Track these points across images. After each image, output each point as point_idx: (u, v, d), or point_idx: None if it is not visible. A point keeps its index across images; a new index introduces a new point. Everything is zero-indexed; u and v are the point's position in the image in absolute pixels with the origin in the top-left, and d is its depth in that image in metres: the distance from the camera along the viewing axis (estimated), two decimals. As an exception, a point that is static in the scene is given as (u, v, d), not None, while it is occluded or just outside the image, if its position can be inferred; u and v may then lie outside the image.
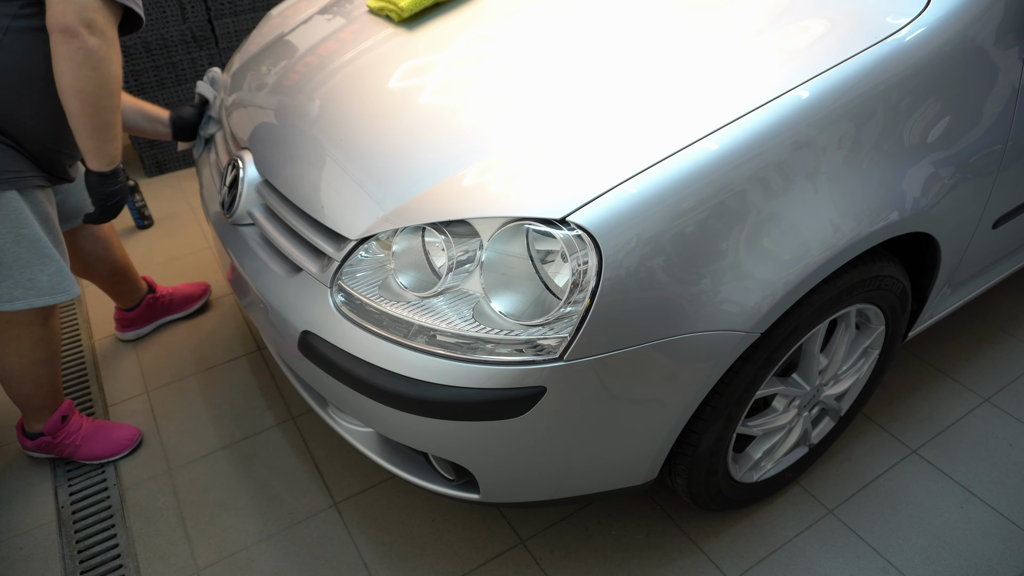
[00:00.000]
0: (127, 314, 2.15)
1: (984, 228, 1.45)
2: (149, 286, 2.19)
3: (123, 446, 1.80)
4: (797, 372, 1.43)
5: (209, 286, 2.35)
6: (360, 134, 1.34)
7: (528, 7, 1.55)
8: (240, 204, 1.46)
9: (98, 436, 1.79)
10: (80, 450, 1.76)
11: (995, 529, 1.54)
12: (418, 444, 1.22)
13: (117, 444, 1.79)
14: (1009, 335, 2.03)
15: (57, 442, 1.73)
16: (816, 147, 1.12)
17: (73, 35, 1.31)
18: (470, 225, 1.11)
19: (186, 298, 2.26)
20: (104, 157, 1.47)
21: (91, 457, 1.77)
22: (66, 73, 1.34)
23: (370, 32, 1.65)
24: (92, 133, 1.42)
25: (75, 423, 1.77)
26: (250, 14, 3.06)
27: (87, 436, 1.77)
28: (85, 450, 1.76)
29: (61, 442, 1.74)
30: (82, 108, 1.38)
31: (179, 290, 2.26)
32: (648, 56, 1.27)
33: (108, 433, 1.80)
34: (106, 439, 1.79)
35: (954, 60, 1.21)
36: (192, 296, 2.28)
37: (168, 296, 2.22)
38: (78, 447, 1.76)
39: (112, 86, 1.40)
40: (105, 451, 1.78)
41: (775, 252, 1.10)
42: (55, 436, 1.73)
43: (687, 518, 1.59)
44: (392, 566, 1.53)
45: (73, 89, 1.35)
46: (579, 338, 1.05)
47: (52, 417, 1.72)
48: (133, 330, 2.18)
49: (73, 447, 1.75)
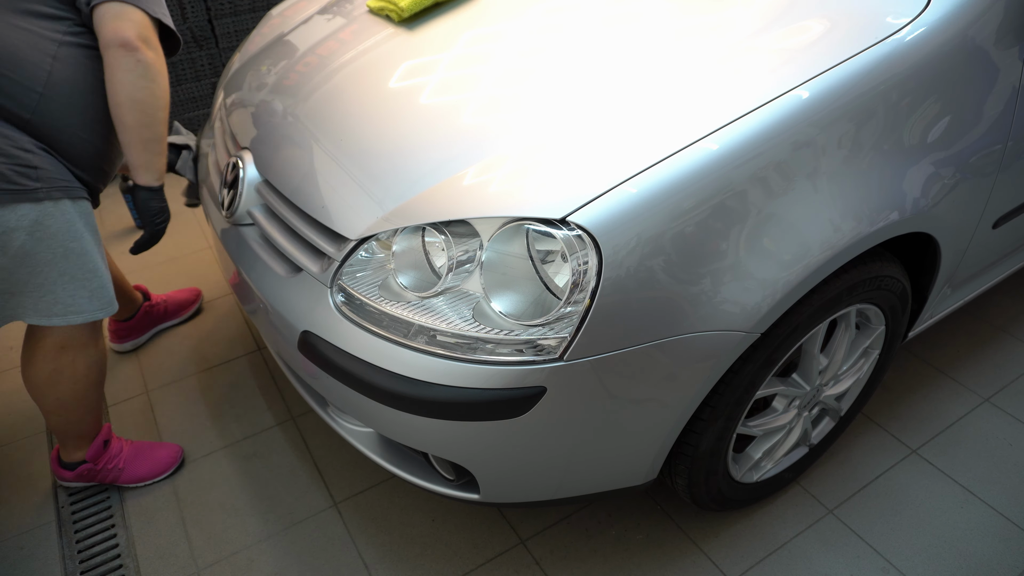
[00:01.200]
0: (124, 324, 2.10)
1: (984, 228, 1.45)
2: (144, 295, 2.16)
3: (167, 465, 1.73)
4: (797, 372, 1.43)
5: (201, 292, 2.32)
6: (360, 134, 1.34)
7: (528, 7, 1.55)
8: (240, 204, 1.46)
9: (140, 457, 1.71)
10: (124, 474, 1.68)
11: (995, 529, 1.54)
12: (418, 444, 1.22)
13: (161, 464, 1.72)
14: (1009, 335, 2.03)
15: (99, 468, 1.65)
16: (816, 147, 1.12)
17: (132, 49, 1.36)
18: (470, 225, 1.11)
19: (180, 304, 2.24)
20: (154, 171, 1.51)
21: (135, 480, 1.69)
22: (124, 85, 1.38)
23: (370, 32, 1.65)
24: (145, 146, 1.45)
25: (116, 446, 1.68)
26: (250, 14, 3.06)
27: (129, 459, 1.69)
28: (129, 473, 1.69)
29: (103, 468, 1.65)
30: (138, 120, 1.41)
31: (172, 297, 2.24)
32: (648, 56, 1.28)
33: (150, 453, 1.73)
34: (149, 459, 1.71)
35: (954, 60, 1.21)
36: (185, 302, 2.26)
37: (163, 304, 2.19)
38: (121, 471, 1.68)
39: (165, 99, 1.45)
40: (149, 472, 1.70)
41: (775, 252, 1.10)
42: (97, 463, 1.64)
43: (687, 518, 1.59)
44: (392, 566, 1.53)
45: (131, 100, 1.39)
46: (579, 338, 1.05)
47: (94, 443, 1.63)
48: (131, 340, 2.13)
49: (116, 472, 1.67)
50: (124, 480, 1.68)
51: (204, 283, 2.42)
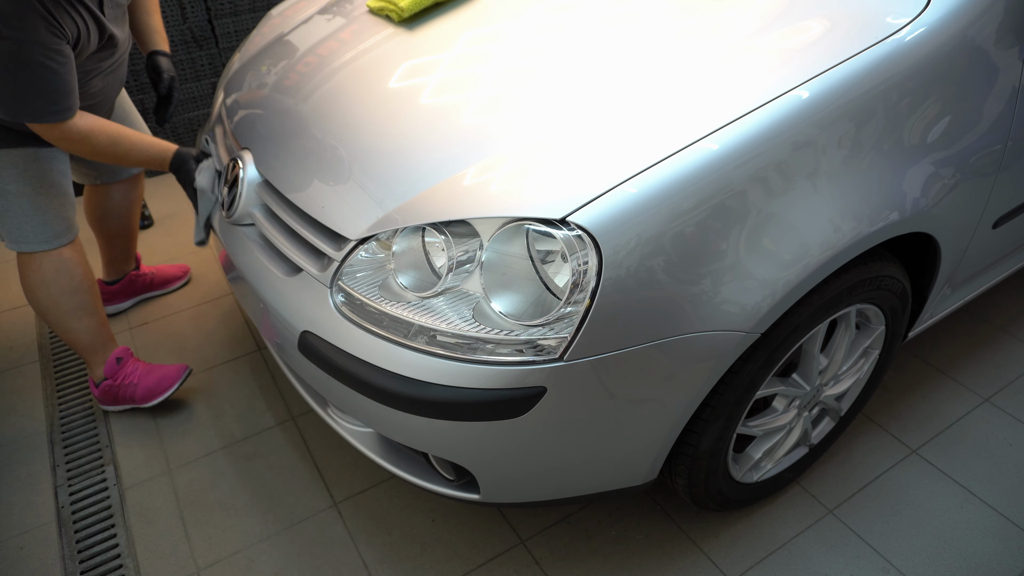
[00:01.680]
0: (109, 288, 2.22)
1: (984, 228, 1.45)
2: (136, 262, 2.27)
3: (175, 375, 1.88)
4: (797, 372, 1.42)
5: (189, 268, 2.42)
6: (360, 134, 1.34)
7: (528, 7, 1.55)
8: (240, 204, 1.46)
9: (152, 374, 1.88)
10: (139, 389, 1.85)
11: (995, 529, 1.54)
12: (418, 444, 1.22)
13: (169, 378, 1.88)
14: (1009, 335, 2.03)
15: (118, 384, 1.84)
16: (816, 147, 1.12)
17: None
18: (470, 225, 1.11)
19: (166, 278, 2.35)
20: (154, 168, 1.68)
21: (148, 393, 1.85)
22: None
23: (370, 32, 1.65)
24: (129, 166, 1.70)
25: (131, 364, 1.87)
26: (250, 14, 3.06)
27: (143, 375, 1.87)
28: (143, 388, 1.85)
29: (121, 383, 1.84)
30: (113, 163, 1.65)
31: (160, 270, 2.35)
32: (648, 56, 1.28)
33: (159, 370, 1.89)
34: (158, 375, 1.88)
35: (954, 60, 1.21)
36: (173, 277, 2.36)
37: (150, 275, 2.30)
38: (136, 386, 1.85)
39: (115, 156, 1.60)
40: (158, 382, 1.86)
41: (775, 252, 1.10)
42: (115, 378, 1.84)
43: (687, 518, 1.59)
44: (392, 566, 1.53)
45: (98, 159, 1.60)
46: (579, 338, 1.05)
47: (108, 360, 1.83)
48: (113, 304, 2.25)
49: (132, 387, 1.85)
50: (140, 395, 1.86)
51: (204, 283, 2.42)
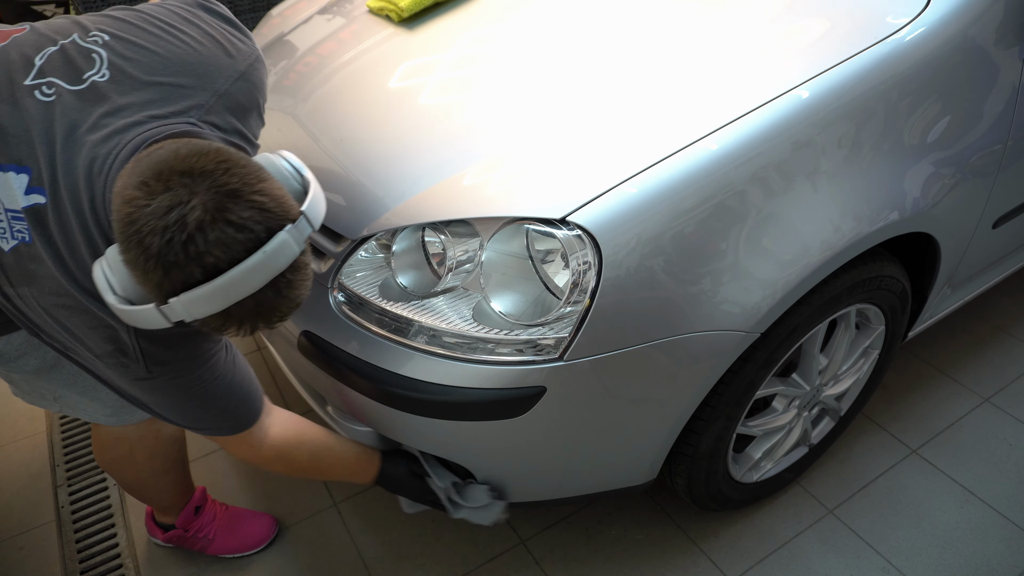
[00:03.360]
0: None
1: (984, 228, 1.45)
2: None
3: (259, 540, 1.58)
4: (797, 372, 1.42)
5: None
6: (360, 134, 1.34)
7: (528, 7, 1.55)
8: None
9: (232, 528, 1.58)
10: (213, 544, 1.56)
11: (995, 529, 1.54)
12: (418, 444, 1.22)
13: (252, 538, 1.58)
14: (1009, 335, 2.03)
15: (190, 536, 1.53)
16: (816, 147, 1.12)
17: None
18: (470, 225, 1.11)
19: None
20: None
21: (223, 552, 1.57)
22: None
23: (370, 32, 1.65)
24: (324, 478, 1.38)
25: (208, 514, 1.56)
26: (250, 14, 3.06)
27: (221, 529, 1.56)
28: (218, 544, 1.56)
29: (194, 536, 1.54)
30: None
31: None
32: (648, 56, 1.28)
33: (243, 525, 1.59)
34: (242, 533, 1.58)
35: (954, 60, 1.21)
36: None
37: None
38: (211, 541, 1.55)
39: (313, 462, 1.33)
40: (239, 546, 1.57)
41: (775, 252, 1.10)
42: (187, 529, 1.53)
43: (687, 518, 1.59)
44: (392, 566, 1.53)
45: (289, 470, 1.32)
46: (579, 338, 1.05)
47: (185, 510, 1.52)
48: None
49: (206, 541, 1.55)
50: (212, 551, 1.56)
51: (204, 283, 2.41)
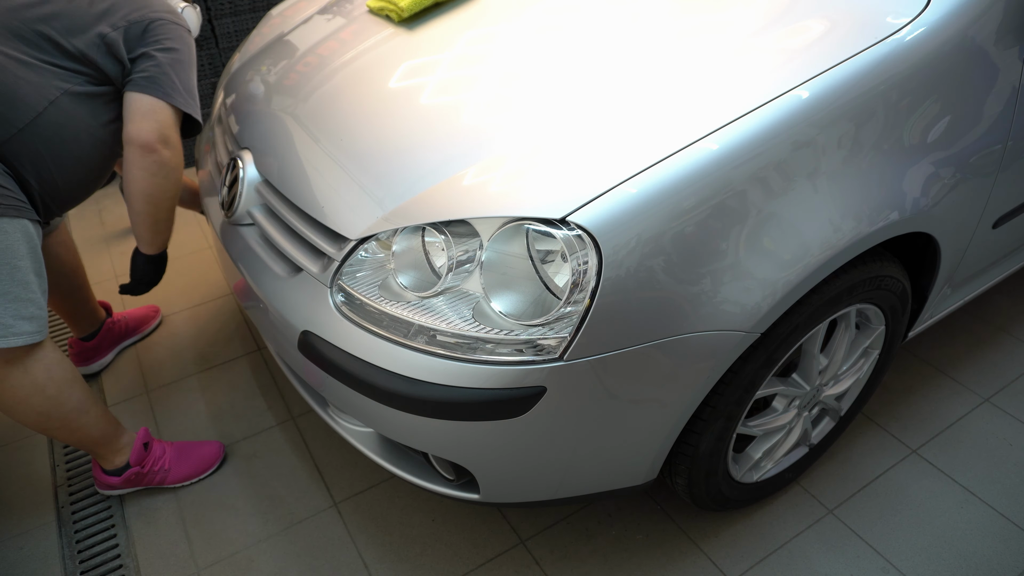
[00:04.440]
0: (87, 344, 2.02)
1: (984, 228, 1.45)
2: (107, 310, 2.10)
3: (212, 461, 1.73)
4: (797, 372, 1.42)
5: (159, 309, 2.25)
6: (360, 134, 1.34)
7: (528, 7, 1.55)
8: (240, 204, 1.46)
9: (185, 456, 1.70)
10: (170, 475, 1.67)
11: (995, 529, 1.54)
12: (418, 444, 1.22)
13: (205, 460, 1.72)
14: (1009, 335, 2.03)
15: (146, 471, 1.64)
16: (816, 147, 1.12)
17: (151, 151, 1.47)
18: (470, 225, 1.11)
19: (139, 320, 2.18)
20: (157, 245, 1.65)
21: (181, 479, 1.69)
22: (139, 181, 1.50)
23: (370, 32, 1.65)
24: (152, 227, 1.58)
25: (158, 448, 1.68)
26: (250, 14, 3.06)
27: (174, 459, 1.69)
28: (175, 473, 1.68)
29: (150, 470, 1.65)
30: (147, 208, 1.55)
31: (130, 314, 2.17)
32: (648, 56, 1.28)
33: (194, 452, 1.72)
34: (194, 457, 1.71)
35: (954, 60, 1.21)
36: (145, 318, 2.19)
37: (123, 320, 2.13)
38: (167, 472, 1.67)
39: (176, 190, 1.55)
40: (195, 470, 1.70)
41: (775, 252, 1.10)
42: (143, 465, 1.64)
43: (687, 518, 1.59)
44: (392, 566, 1.53)
45: (143, 194, 1.51)
46: (579, 338, 1.05)
47: (135, 446, 1.62)
48: (97, 361, 2.05)
49: (163, 473, 1.67)
50: (171, 481, 1.68)
51: (204, 283, 2.42)
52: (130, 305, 2.34)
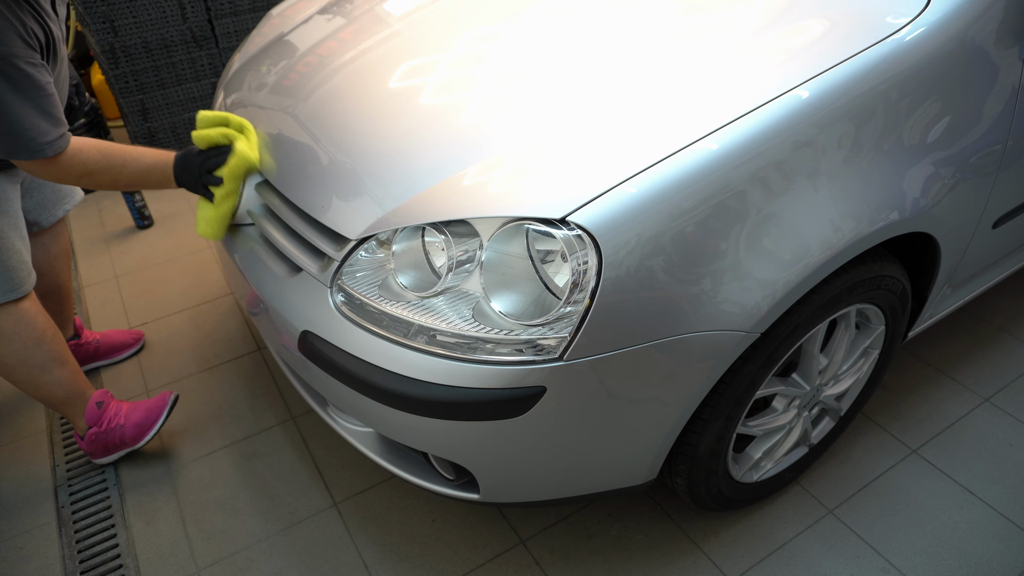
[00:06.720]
0: None
1: (984, 228, 1.45)
2: (76, 330, 2.02)
3: (161, 406, 1.77)
4: (797, 372, 1.42)
5: (143, 335, 2.15)
6: (360, 134, 1.34)
7: (529, 7, 1.55)
8: (240, 204, 1.46)
9: (136, 410, 1.77)
10: (127, 430, 1.73)
11: (995, 529, 1.54)
12: (418, 444, 1.22)
13: (155, 412, 1.76)
14: (1009, 335, 2.03)
15: (104, 429, 1.71)
16: (816, 147, 1.12)
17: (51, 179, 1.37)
18: (470, 225, 1.11)
19: (114, 346, 2.08)
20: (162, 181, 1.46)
21: (137, 429, 1.73)
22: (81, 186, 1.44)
23: (370, 32, 1.65)
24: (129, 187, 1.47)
25: (112, 407, 1.74)
26: (250, 14, 3.06)
27: (127, 415, 1.75)
28: (131, 427, 1.73)
29: (107, 428, 1.71)
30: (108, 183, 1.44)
31: (108, 336, 2.08)
32: (648, 56, 1.28)
33: (142, 405, 1.78)
34: (145, 408, 1.77)
35: (954, 60, 1.21)
36: (122, 344, 2.09)
37: (94, 343, 2.04)
38: (124, 427, 1.73)
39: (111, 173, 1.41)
40: (146, 417, 1.75)
41: (775, 252, 1.10)
42: (100, 424, 1.71)
43: (687, 518, 1.59)
44: (392, 566, 1.53)
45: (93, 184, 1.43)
46: (579, 338, 1.05)
47: (88, 406, 1.70)
48: None
49: (120, 429, 1.72)
50: (130, 436, 1.73)
51: (204, 283, 2.42)
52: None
